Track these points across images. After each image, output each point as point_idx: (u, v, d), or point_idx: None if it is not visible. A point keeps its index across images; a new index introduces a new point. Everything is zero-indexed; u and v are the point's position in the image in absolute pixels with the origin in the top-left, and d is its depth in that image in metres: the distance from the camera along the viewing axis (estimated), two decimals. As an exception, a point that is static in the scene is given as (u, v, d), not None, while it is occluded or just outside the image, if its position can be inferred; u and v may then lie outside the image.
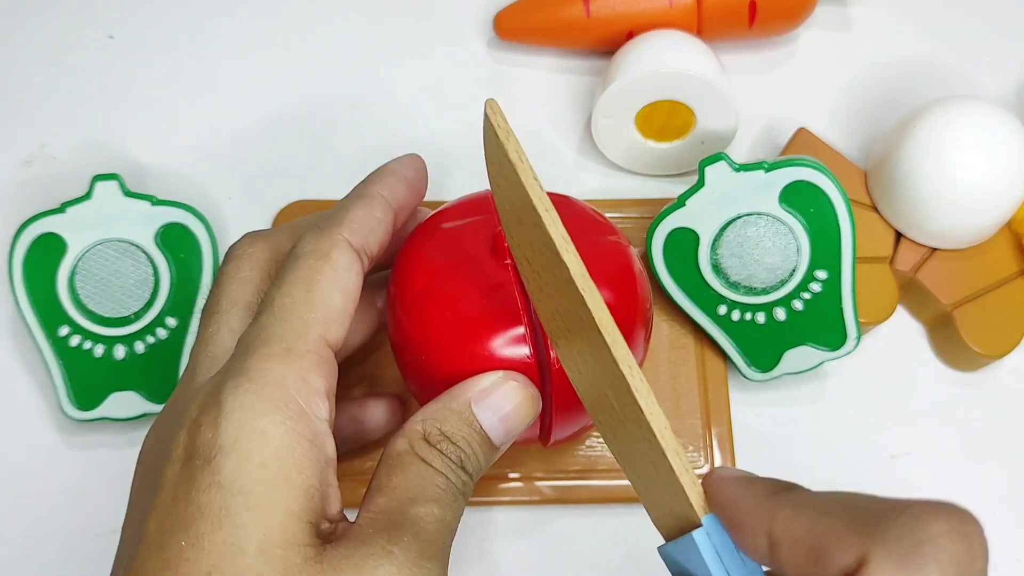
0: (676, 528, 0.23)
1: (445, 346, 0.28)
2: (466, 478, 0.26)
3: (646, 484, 0.24)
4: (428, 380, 0.29)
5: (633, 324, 0.30)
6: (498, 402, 0.26)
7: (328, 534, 0.23)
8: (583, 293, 0.22)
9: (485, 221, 0.30)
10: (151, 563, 0.22)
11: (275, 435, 0.23)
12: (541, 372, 0.28)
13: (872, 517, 0.19)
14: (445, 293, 0.28)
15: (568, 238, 0.23)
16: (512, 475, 0.36)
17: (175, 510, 0.22)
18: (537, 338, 0.28)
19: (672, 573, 0.23)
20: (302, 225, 0.29)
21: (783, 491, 0.20)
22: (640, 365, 0.29)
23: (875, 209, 0.39)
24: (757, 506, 0.20)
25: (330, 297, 0.26)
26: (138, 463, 0.26)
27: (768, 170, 0.35)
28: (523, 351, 0.27)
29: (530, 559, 0.36)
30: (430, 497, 0.24)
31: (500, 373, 0.27)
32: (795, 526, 0.19)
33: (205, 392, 0.24)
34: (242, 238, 0.30)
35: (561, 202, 0.31)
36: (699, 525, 0.21)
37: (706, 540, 0.21)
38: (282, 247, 0.29)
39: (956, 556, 0.18)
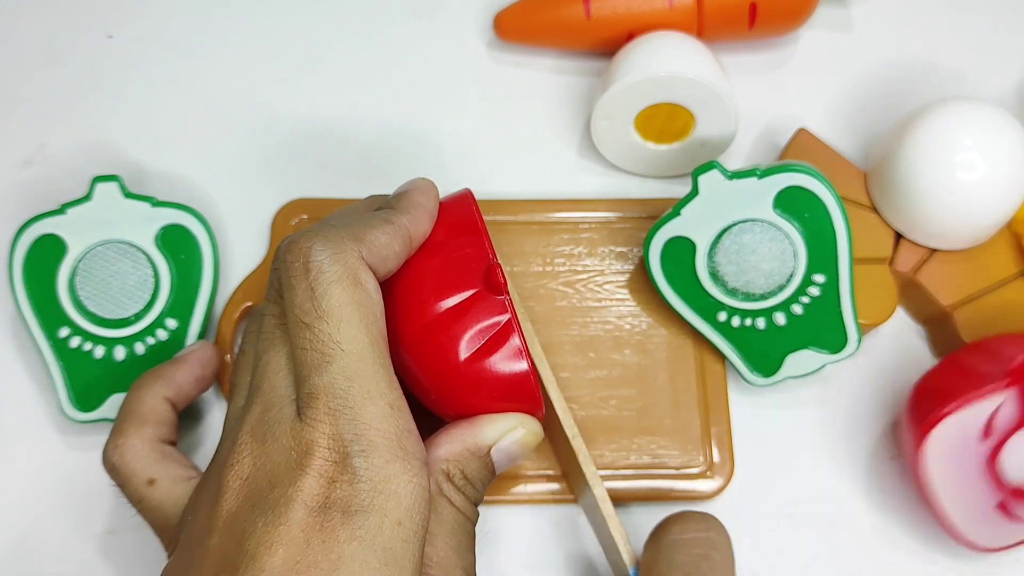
0: (618, 573, 0.33)
1: (452, 384, 0.29)
2: (477, 514, 0.29)
3: (603, 538, 0.34)
4: (433, 405, 0.30)
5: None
6: (512, 448, 0.29)
7: None
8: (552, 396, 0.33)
9: (475, 249, 0.30)
10: None
11: (406, 494, 0.25)
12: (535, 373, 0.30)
13: None
14: (450, 334, 0.29)
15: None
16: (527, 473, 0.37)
17: (310, 552, 0.23)
18: (528, 351, 0.29)
19: None
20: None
21: None
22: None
23: (875, 210, 0.39)
24: None
25: (382, 333, 0.26)
26: (227, 473, 0.25)
27: (761, 176, 0.35)
28: (523, 365, 0.29)
29: (542, 558, 0.36)
30: (466, 545, 0.28)
31: (516, 419, 0.29)
32: None
33: (324, 444, 0.24)
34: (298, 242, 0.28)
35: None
36: (628, 574, 0.31)
37: None
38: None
39: None
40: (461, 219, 0.30)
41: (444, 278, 0.29)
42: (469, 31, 0.45)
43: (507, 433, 0.29)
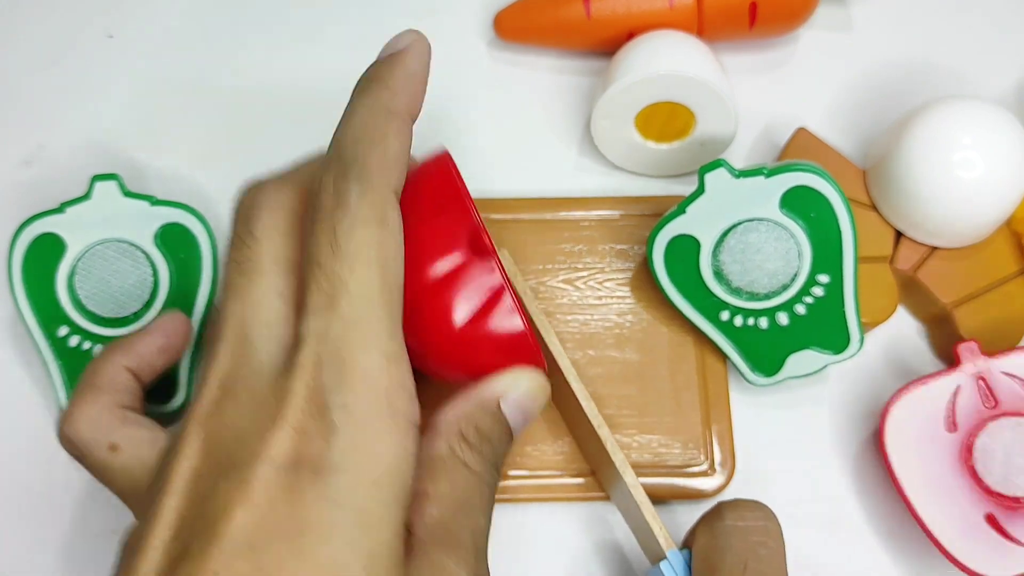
0: (653, 558, 0.33)
1: (450, 352, 0.28)
2: (497, 477, 0.27)
3: (636, 524, 0.34)
4: (435, 372, 0.29)
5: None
6: (523, 400, 0.27)
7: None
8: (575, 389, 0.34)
9: (459, 214, 0.28)
10: (240, 564, 0.21)
11: (387, 454, 0.23)
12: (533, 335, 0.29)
13: None
14: (441, 302, 0.28)
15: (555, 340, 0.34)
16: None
17: (273, 516, 0.22)
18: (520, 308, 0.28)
19: None
20: (312, 165, 0.27)
21: None
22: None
23: (874, 208, 0.39)
24: None
25: (398, 279, 0.24)
26: (191, 423, 0.24)
27: (768, 175, 0.35)
28: (518, 323, 0.28)
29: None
30: (477, 507, 0.25)
31: (519, 371, 0.27)
32: None
33: (302, 395, 0.23)
34: (262, 185, 0.27)
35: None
36: (665, 557, 0.32)
37: (669, 568, 0.31)
38: (306, 193, 0.27)
39: None
40: (441, 184, 0.29)
41: (429, 246, 0.28)
42: (469, 31, 0.45)
43: (513, 384, 0.27)
